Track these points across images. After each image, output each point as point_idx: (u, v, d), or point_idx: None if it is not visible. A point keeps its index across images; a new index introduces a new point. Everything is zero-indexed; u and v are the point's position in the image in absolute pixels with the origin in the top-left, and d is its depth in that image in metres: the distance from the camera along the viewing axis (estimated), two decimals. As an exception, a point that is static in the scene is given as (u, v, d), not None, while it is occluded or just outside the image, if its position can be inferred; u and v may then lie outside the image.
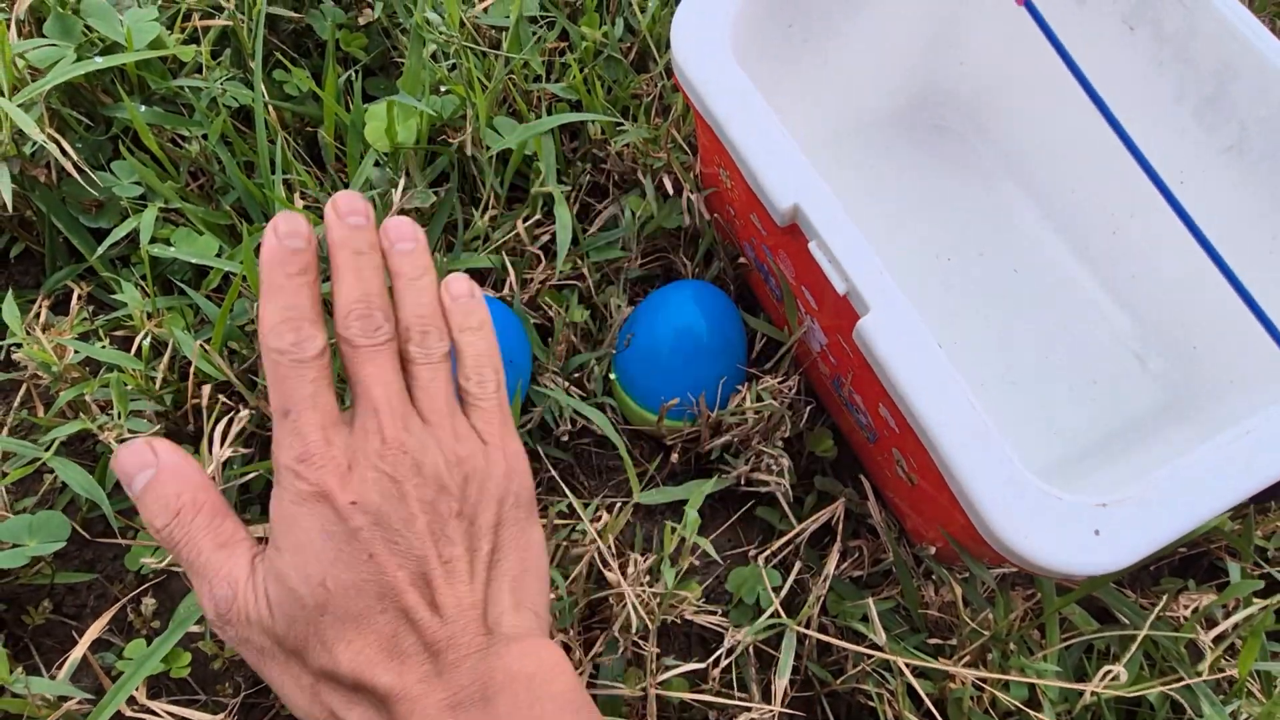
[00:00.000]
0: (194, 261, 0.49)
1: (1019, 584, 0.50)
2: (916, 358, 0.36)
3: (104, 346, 0.45)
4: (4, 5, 0.51)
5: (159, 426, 0.43)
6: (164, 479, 0.28)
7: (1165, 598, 0.43)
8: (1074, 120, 0.56)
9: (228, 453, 0.38)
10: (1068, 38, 0.46)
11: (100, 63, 0.46)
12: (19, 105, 0.44)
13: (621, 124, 0.57)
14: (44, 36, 0.50)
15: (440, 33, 0.52)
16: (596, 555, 0.44)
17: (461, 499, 0.29)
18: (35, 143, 0.49)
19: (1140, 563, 0.34)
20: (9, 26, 0.49)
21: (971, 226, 0.60)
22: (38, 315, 0.50)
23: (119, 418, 0.40)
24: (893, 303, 0.37)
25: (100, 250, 0.49)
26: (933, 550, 0.49)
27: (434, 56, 0.56)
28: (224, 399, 0.48)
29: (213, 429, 0.40)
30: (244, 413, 0.42)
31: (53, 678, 0.37)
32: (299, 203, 0.51)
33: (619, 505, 0.48)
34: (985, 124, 0.62)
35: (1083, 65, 0.45)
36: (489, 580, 0.29)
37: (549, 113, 0.57)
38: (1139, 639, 0.42)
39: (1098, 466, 0.52)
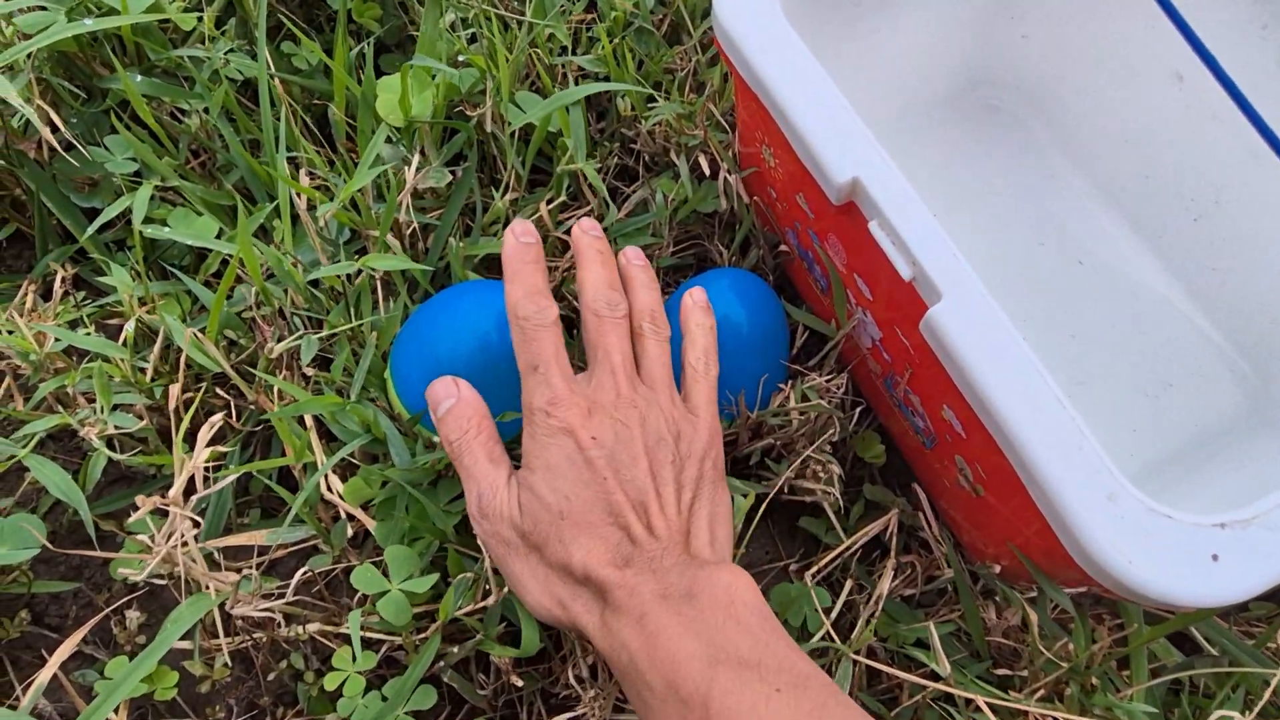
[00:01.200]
0: (192, 244, 0.45)
1: (1096, 608, 0.45)
2: (998, 352, 0.32)
3: (88, 333, 0.41)
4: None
5: (146, 422, 0.39)
6: (461, 406, 0.36)
7: (1268, 628, 0.38)
8: (1149, 96, 0.51)
9: (207, 448, 0.34)
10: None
11: (90, 24, 0.42)
12: (5, 69, 0.40)
13: (653, 99, 0.53)
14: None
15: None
16: None
17: (675, 451, 0.36)
18: (23, 115, 0.45)
19: (1267, 593, 0.29)
20: (-4, -12, 0.45)
21: (1030, 215, 0.55)
22: (24, 301, 0.46)
23: (101, 411, 0.37)
24: (968, 290, 0.33)
25: (90, 230, 0.45)
26: (997, 568, 0.44)
27: (452, 26, 0.52)
28: (220, 392, 0.44)
29: (195, 424, 0.36)
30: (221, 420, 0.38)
31: (15, 703, 0.33)
32: (305, 181, 0.47)
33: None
34: (1044, 105, 0.57)
35: (1169, 31, 0.41)
36: (690, 519, 0.35)
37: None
38: (1237, 675, 0.37)
39: (1179, 478, 0.47)
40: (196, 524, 0.34)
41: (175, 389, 0.38)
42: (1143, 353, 0.51)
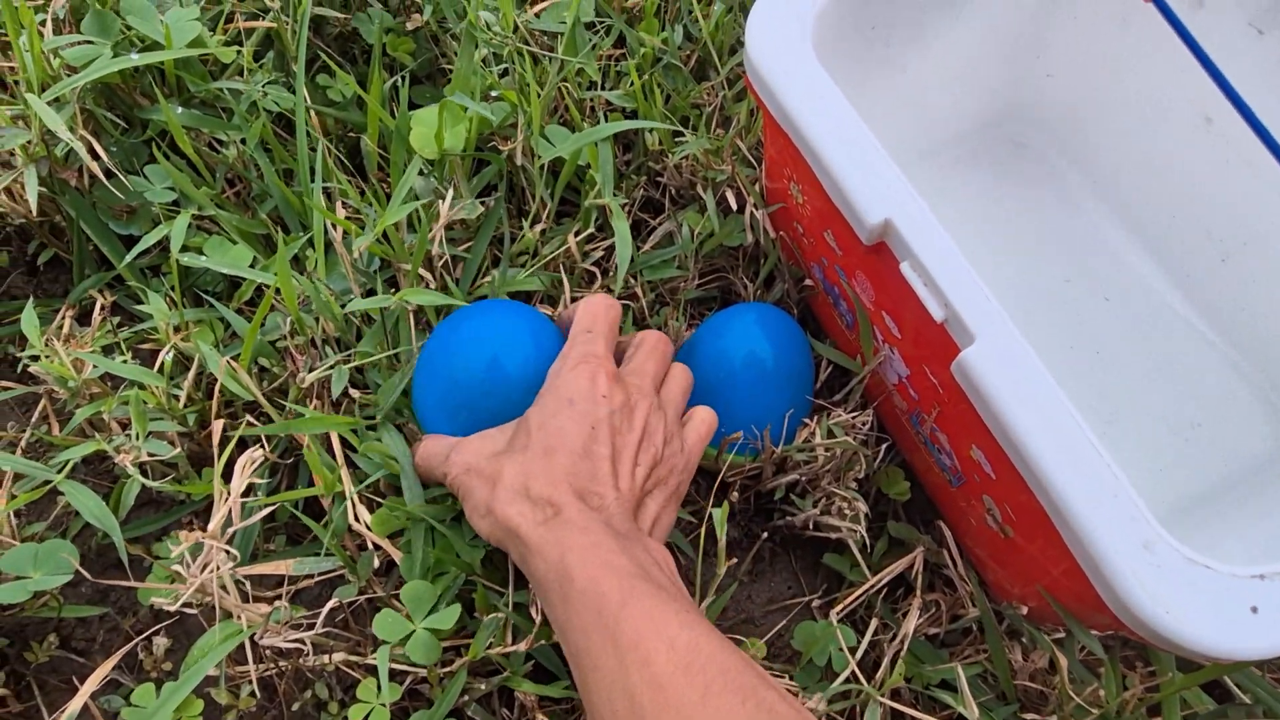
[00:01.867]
0: (226, 272, 0.46)
1: (1125, 651, 0.44)
2: (1031, 396, 0.32)
3: (125, 361, 0.41)
4: (42, 2, 0.49)
5: (180, 450, 0.40)
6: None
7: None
8: (1178, 137, 0.51)
9: (245, 482, 0.34)
10: (1183, 46, 0.41)
11: (136, 59, 0.43)
12: (48, 103, 0.41)
13: (681, 134, 0.54)
14: (82, 34, 0.48)
15: (494, 33, 0.49)
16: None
17: (659, 452, 0.39)
18: (66, 144, 0.46)
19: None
20: (47, 23, 0.46)
21: (1056, 251, 0.55)
22: (60, 326, 0.47)
23: (137, 438, 0.37)
24: (1002, 332, 0.33)
25: (129, 258, 0.46)
26: (1024, 609, 0.43)
27: (485, 61, 0.53)
28: (249, 418, 0.45)
29: (229, 454, 0.36)
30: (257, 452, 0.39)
31: (50, 728, 0.33)
32: (340, 212, 0.48)
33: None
34: (1070, 142, 0.57)
35: (1200, 75, 0.41)
36: (645, 498, 0.39)
37: (604, 122, 0.53)
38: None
39: (1209, 520, 0.46)
40: (231, 556, 0.34)
41: (218, 425, 0.39)
42: (1173, 390, 0.51)
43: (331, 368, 0.41)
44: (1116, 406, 0.51)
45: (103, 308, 0.45)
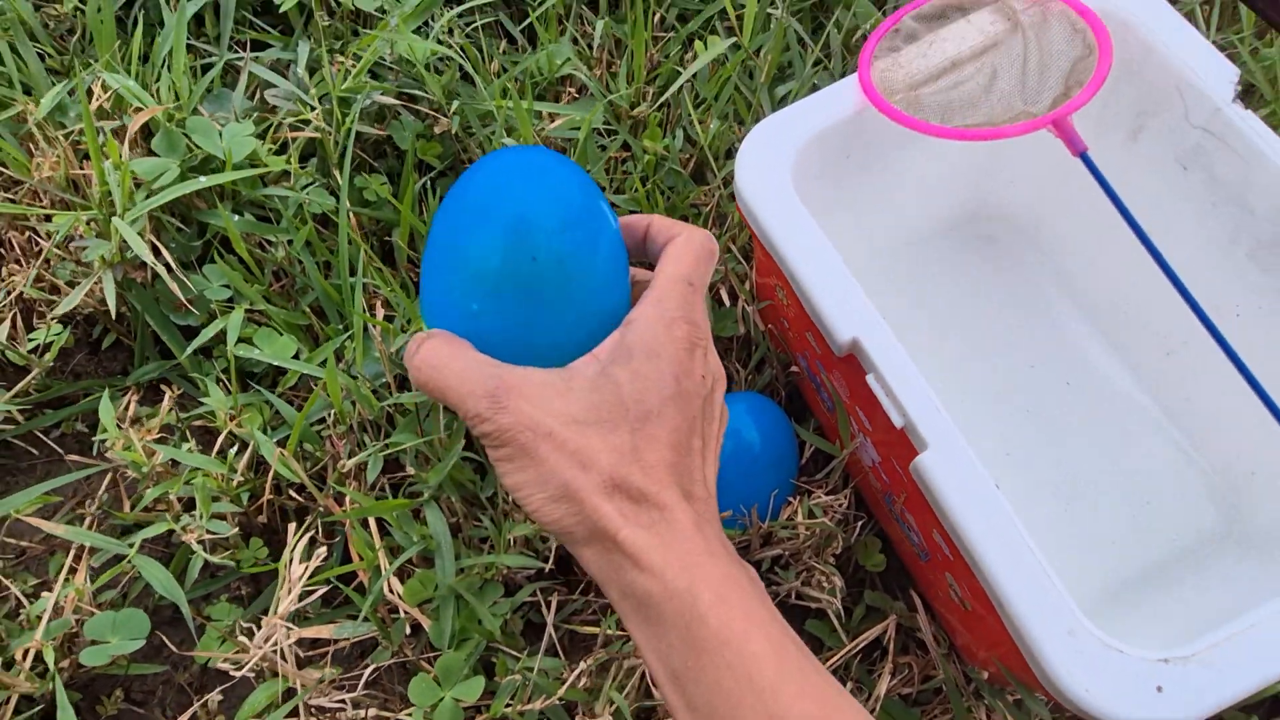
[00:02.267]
0: (273, 363, 0.51)
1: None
2: (975, 500, 0.37)
3: (190, 450, 0.47)
4: (116, 127, 0.55)
5: (235, 529, 0.45)
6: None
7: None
8: (1124, 245, 0.56)
9: (308, 569, 0.40)
10: (1120, 170, 0.47)
11: (204, 182, 0.49)
12: (130, 222, 0.47)
13: (680, 234, 0.60)
14: (151, 150, 0.54)
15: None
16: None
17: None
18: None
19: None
20: (124, 145, 0.53)
21: (1022, 338, 0.61)
22: (127, 408, 0.53)
23: (201, 518, 0.43)
24: (951, 442, 0.38)
25: (189, 350, 0.52)
26: (985, 674, 0.48)
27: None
28: (292, 494, 0.50)
29: (295, 544, 0.42)
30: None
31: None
32: (380, 314, 0.54)
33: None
34: (1035, 238, 0.63)
35: (1135, 197, 0.47)
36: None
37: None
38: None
39: (1155, 593, 0.51)
40: (290, 633, 0.39)
41: (292, 528, 0.44)
42: (1126, 470, 0.56)
43: (369, 455, 0.47)
44: (1076, 483, 0.56)
45: (171, 398, 0.51)
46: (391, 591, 0.45)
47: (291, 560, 0.41)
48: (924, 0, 0.48)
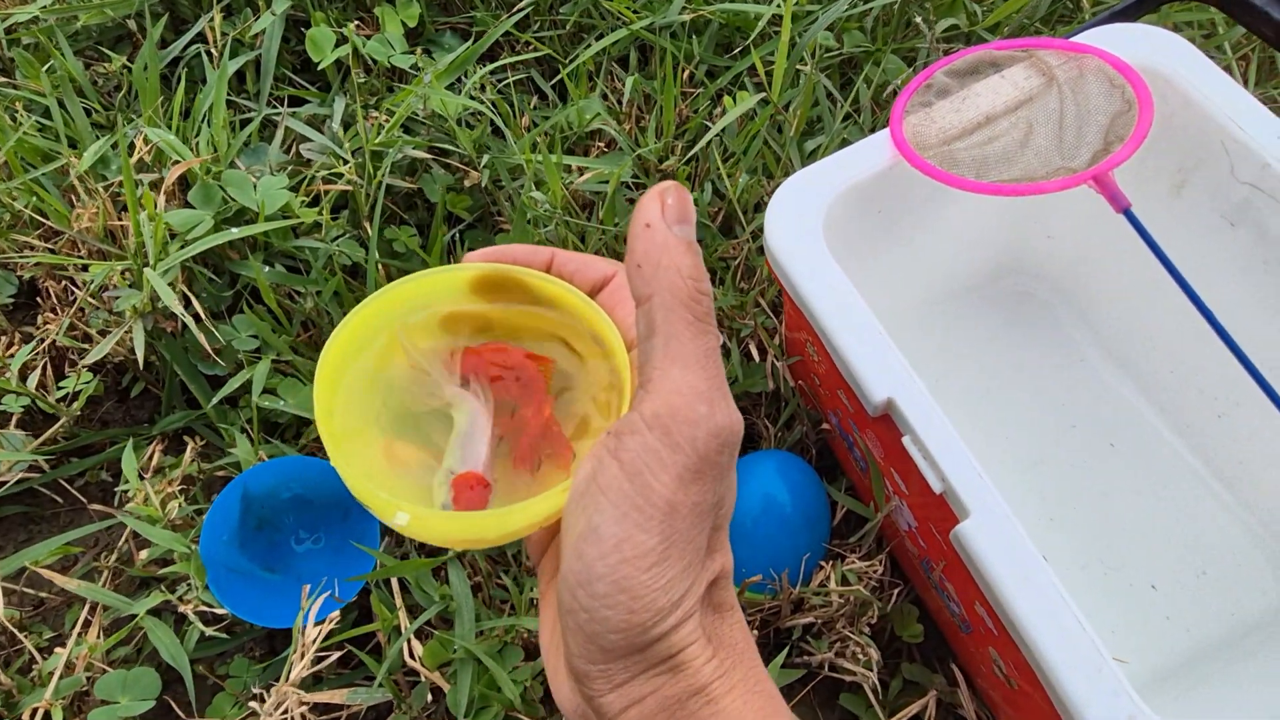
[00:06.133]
0: (296, 414, 0.51)
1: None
2: (1020, 572, 0.35)
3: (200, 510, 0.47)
4: (155, 179, 0.56)
5: (253, 584, 0.44)
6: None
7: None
8: (1170, 303, 0.55)
9: (322, 631, 0.38)
10: (1163, 226, 0.46)
11: (235, 233, 0.50)
12: (162, 273, 0.48)
13: (708, 288, 0.59)
14: (187, 201, 0.55)
15: (543, 209, 0.55)
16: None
17: None
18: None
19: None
20: (160, 197, 0.54)
21: (1062, 397, 0.59)
22: (151, 457, 0.52)
23: (195, 590, 0.42)
24: (994, 510, 0.36)
25: (215, 400, 0.52)
26: (1033, 758, 0.45)
27: (531, 221, 0.59)
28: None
29: (310, 606, 0.41)
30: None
31: None
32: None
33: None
34: (1072, 295, 0.61)
35: (1180, 254, 0.45)
36: None
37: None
38: None
39: (1223, 668, 0.48)
40: (302, 701, 0.38)
41: (306, 589, 0.43)
42: (1179, 537, 0.53)
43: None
44: (1122, 551, 0.53)
45: (193, 450, 0.50)
46: (411, 655, 0.44)
47: (306, 623, 0.40)
48: (957, 55, 0.47)
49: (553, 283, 0.25)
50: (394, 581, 0.46)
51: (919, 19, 0.65)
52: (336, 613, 0.40)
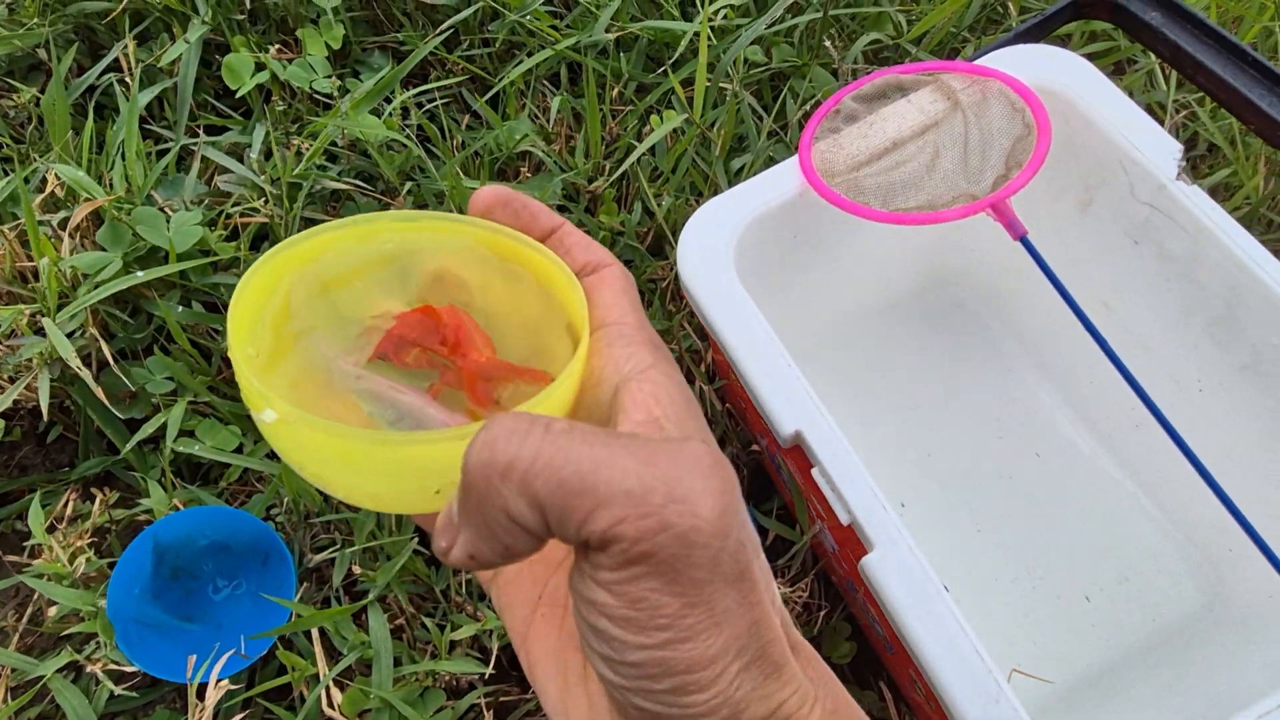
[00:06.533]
0: (214, 459, 0.50)
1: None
2: (923, 605, 0.35)
3: (112, 563, 0.46)
4: (63, 218, 0.55)
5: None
6: None
7: None
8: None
9: (224, 687, 0.38)
10: (1074, 240, 0.46)
11: (141, 276, 0.49)
12: (68, 317, 0.47)
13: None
14: (95, 242, 0.53)
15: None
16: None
17: None
18: (78, 343, 0.51)
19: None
20: (64, 240, 0.52)
21: (991, 408, 0.59)
22: (66, 504, 0.51)
23: (105, 648, 0.41)
24: (897, 543, 0.37)
25: (129, 446, 0.51)
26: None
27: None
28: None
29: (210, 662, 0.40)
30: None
31: None
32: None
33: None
34: (1000, 306, 0.62)
35: (1090, 269, 0.46)
36: None
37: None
38: None
39: (1141, 678, 0.49)
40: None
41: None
42: (1102, 545, 0.54)
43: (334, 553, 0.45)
44: (1050, 559, 0.54)
45: (103, 501, 0.49)
46: (330, 704, 0.43)
47: (208, 683, 0.39)
48: (864, 80, 0.47)
49: (548, 258, 0.23)
50: (314, 630, 0.45)
51: (827, 43, 0.65)
52: (244, 669, 0.40)
